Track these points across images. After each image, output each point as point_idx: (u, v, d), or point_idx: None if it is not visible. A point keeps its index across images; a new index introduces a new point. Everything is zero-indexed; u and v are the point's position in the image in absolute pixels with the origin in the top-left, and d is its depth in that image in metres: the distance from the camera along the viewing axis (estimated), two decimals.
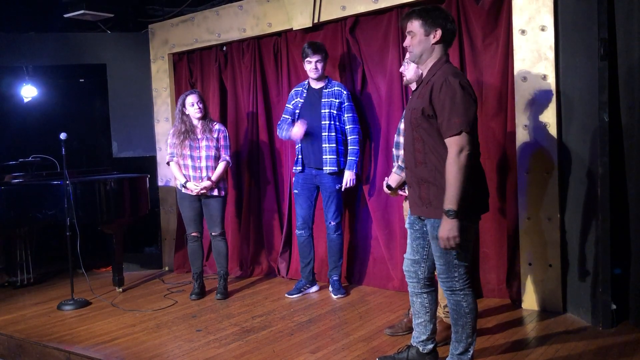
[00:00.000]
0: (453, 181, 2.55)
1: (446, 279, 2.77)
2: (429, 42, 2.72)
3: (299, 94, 4.65)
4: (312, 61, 4.44)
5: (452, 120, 2.58)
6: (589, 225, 3.59)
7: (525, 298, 3.99)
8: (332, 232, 4.58)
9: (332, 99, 4.49)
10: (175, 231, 5.84)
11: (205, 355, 3.46)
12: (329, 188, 4.52)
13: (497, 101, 4.11)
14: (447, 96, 2.60)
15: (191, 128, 4.68)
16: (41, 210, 4.87)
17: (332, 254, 4.61)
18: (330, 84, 4.55)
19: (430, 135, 2.69)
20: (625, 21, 3.38)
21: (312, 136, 4.50)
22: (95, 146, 7.13)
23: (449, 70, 2.69)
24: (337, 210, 4.56)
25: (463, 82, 2.64)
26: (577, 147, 3.68)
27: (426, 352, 3.03)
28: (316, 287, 4.76)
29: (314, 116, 4.50)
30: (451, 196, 2.56)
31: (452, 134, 2.57)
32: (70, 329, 4.14)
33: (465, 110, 2.58)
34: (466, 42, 4.22)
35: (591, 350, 3.19)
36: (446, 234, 2.59)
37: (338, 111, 4.48)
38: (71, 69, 6.68)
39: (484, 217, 4.21)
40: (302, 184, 4.63)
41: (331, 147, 4.46)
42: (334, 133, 4.46)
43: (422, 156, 2.73)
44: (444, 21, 2.70)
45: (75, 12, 5.64)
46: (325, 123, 4.46)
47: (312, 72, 4.48)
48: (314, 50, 4.43)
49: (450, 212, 2.56)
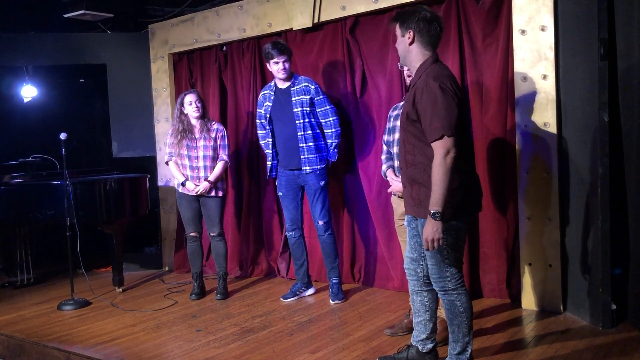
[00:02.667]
0: (439, 183, 2.58)
1: (438, 279, 2.79)
2: (405, 43, 2.80)
3: (267, 98, 4.56)
4: (280, 62, 4.34)
5: (434, 125, 2.61)
6: (589, 225, 3.59)
7: (525, 298, 3.99)
8: (322, 232, 4.47)
9: (301, 96, 4.40)
10: (175, 231, 5.85)
11: (205, 355, 3.46)
12: (313, 186, 4.43)
13: (497, 101, 4.11)
14: (429, 101, 2.63)
15: (189, 127, 4.68)
16: (41, 210, 4.87)
17: (326, 255, 4.52)
18: (297, 80, 4.46)
19: (417, 138, 2.75)
20: (625, 21, 3.38)
21: (288, 138, 4.43)
22: (95, 146, 7.13)
23: (431, 72, 2.71)
24: (323, 208, 4.45)
25: (444, 85, 2.64)
26: (577, 147, 3.68)
27: (426, 351, 3.04)
28: (312, 290, 4.71)
29: (286, 117, 4.43)
30: (436, 199, 2.59)
31: (435, 139, 2.61)
32: (70, 329, 4.14)
33: (446, 114, 2.60)
34: (466, 42, 4.22)
35: (591, 350, 3.19)
36: (430, 236, 2.62)
37: (311, 107, 4.41)
38: (71, 69, 6.68)
39: (483, 217, 4.26)
40: (285, 185, 4.55)
41: (309, 147, 4.38)
42: (310, 131, 4.39)
43: (412, 157, 2.79)
44: (418, 22, 2.75)
45: (75, 12, 5.64)
46: (300, 122, 4.38)
47: (281, 72, 4.38)
48: (280, 51, 4.33)
49: (436, 214, 2.59)
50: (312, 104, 4.41)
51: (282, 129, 4.47)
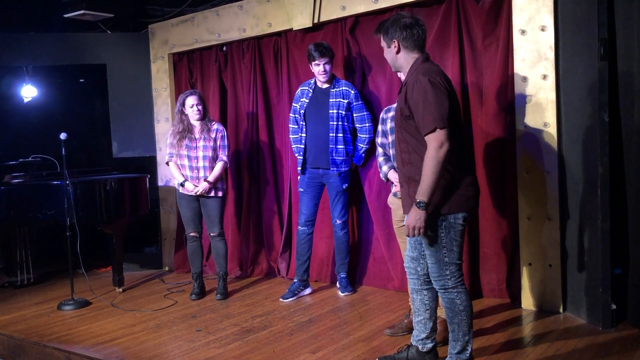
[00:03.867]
0: (428, 175, 2.62)
1: (438, 277, 2.81)
2: (393, 53, 2.87)
3: (304, 94, 4.61)
4: (321, 64, 4.38)
5: (425, 118, 2.65)
6: (589, 225, 3.59)
7: (525, 298, 3.99)
8: (339, 229, 4.58)
9: (340, 99, 4.46)
10: (175, 231, 5.84)
11: (205, 355, 3.46)
12: (337, 187, 4.53)
13: (497, 101, 4.11)
14: (419, 95, 2.68)
15: (189, 128, 4.68)
16: (41, 210, 4.87)
17: (339, 251, 4.62)
18: (338, 83, 4.52)
19: (411, 135, 2.78)
20: (625, 21, 3.38)
21: (319, 137, 4.49)
22: (95, 146, 7.13)
23: (420, 69, 2.77)
24: (343, 208, 4.57)
25: (433, 79, 2.69)
26: (577, 147, 3.68)
27: (426, 350, 3.04)
28: (309, 290, 4.73)
29: (320, 116, 4.48)
30: (424, 189, 2.63)
31: (428, 132, 2.65)
32: (70, 329, 4.14)
33: (437, 107, 2.64)
34: (466, 42, 4.22)
35: (591, 350, 3.19)
36: (413, 223, 2.67)
37: (347, 111, 4.47)
38: (71, 69, 6.68)
39: (483, 217, 4.26)
40: (307, 183, 4.61)
41: (339, 149, 4.46)
42: (341, 134, 4.46)
43: (407, 156, 2.83)
44: (400, 31, 2.81)
45: (75, 12, 5.64)
46: (333, 124, 4.44)
47: (321, 75, 4.43)
48: (321, 54, 4.36)
49: (421, 203, 2.64)
50: (349, 108, 4.48)
51: (314, 128, 4.51)
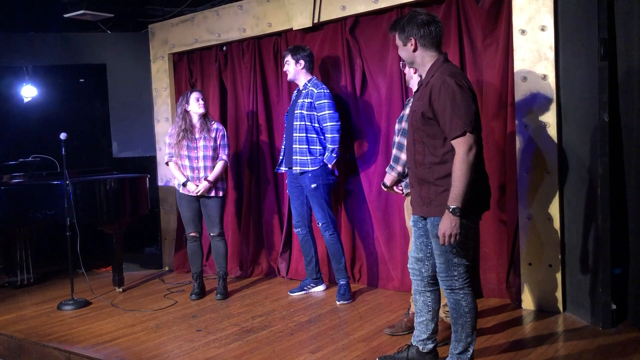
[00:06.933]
0: (461, 179, 2.58)
1: (446, 277, 2.79)
2: (409, 51, 2.81)
3: (292, 96, 4.74)
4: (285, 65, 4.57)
5: (454, 122, 2.60)
6: (589, 225, 3.59)
7: (525, 298, 3.99)
8: (323, 232, 4.52)
9: (305, 99, 4.50)
10: (175, 231, 5.85)
11: (205, 355, 3.46)
12: (306, 188, 4.51)
13: (497, 101, 4.11)
14: (447, 98, 2.62)
15: (190, 127, 4.68)
16: (41, 210, 4.87)
17: (331, 256, 4.57)
18: (310, 83, 4.54)
19: (429, 137, 2.73)
20: (625, 21, 3.38)
21: (288, 137, 4.58)
22: (95, 146, 7.12)
23: (445, 70, 2.72)
24: (320, 210, 4.47)
25: (460, 81, 2.66)
26: (577, 147, 3.68)
27: (426, 351, 3.03)
28: (323, 287, 4.75)
29: (291, 117, 4.56)
30: (456, 194, 2.58)
31: (456, 136, 2.60)
32: (70, 329, 4.14)
33: (466, 110, 2.61)
34: (466, 42, 4.22)
35: (591, 350, 3.19)
36: (448, 231, 2.61)
37: (308, 111, 4.46)
38: (71, 69, 6.68)
39: (484, 216, 4.23)
40: (289, 183, 4.70)
41: (301, 149, 4.46)
42: (303, 134, 4.46)
43: (421, 157, 2.78)
44: (417, 29, 2.75)
45: (75, 12, 5.64)
46: (296, 124, 4.49)
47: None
48: (285, 55, 4.56)
49: (456, 209, 2.58)
50: (311, 108, 4.46)
51: (287, 128, 4.63)
